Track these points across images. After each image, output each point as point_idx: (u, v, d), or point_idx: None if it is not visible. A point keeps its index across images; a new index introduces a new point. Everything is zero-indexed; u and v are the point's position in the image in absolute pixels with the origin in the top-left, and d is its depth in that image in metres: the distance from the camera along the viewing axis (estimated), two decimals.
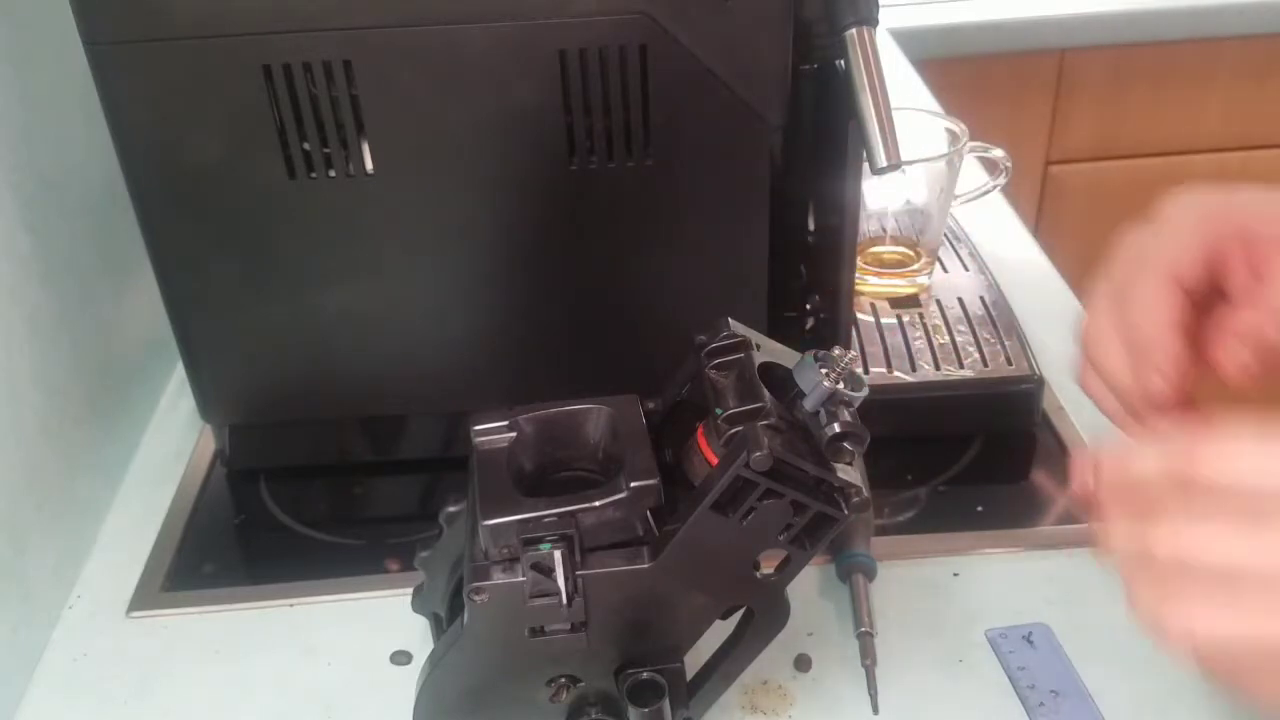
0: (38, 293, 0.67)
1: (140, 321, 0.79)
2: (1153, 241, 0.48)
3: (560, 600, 0.46)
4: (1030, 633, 0.60)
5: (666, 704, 0.50)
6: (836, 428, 0.44)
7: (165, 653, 0.63)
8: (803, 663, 0.59)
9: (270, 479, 0.75)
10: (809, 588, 0.64)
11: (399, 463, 0.74)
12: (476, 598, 0.46)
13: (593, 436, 0.50)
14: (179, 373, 0.81)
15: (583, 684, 0.50)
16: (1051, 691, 0.57)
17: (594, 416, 0.50)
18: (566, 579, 0.45)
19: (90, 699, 0.60)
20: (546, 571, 0.45)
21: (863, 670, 0.58)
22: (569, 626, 0.47)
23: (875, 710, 0.56)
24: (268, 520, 0.72)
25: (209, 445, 0.77)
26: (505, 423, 0.50)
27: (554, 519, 0.45)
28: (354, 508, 0.74)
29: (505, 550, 0.46)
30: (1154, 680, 0.57)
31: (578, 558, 0.46)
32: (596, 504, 0.45)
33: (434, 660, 0.50)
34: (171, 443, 0.78)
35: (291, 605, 0.65)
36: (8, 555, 0.61)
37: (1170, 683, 0.57)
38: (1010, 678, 0.58)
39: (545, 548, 0.45)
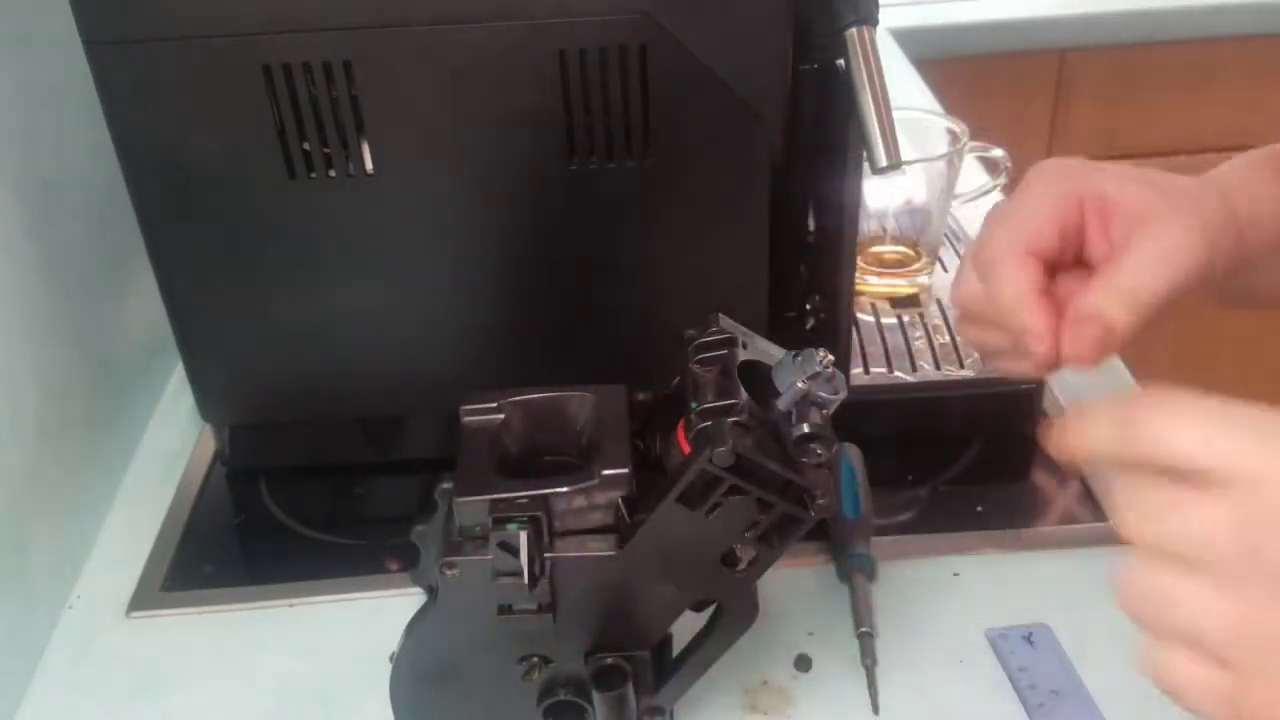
0: (38, 293, 0.67)
1: (140, 321, 0.79)
2: (1012, 211, 0.50)
3: (523, 580, 0.46)
4: (1030, 633, 0.60)
5: (630, 690, 0.50)
6: (805, 429, 0.45)
7: (165, 653, 0.63)
8: (803, 663, 0.59)
9: (270, 479, 0.75)
10: (809, 588, 0.64)
11: (399, 463, 0.74)
12: (448, 572, 0.47)
13: (577, 423, 0.51)
14: (179, 373, 0.81)
15: (554, 665, 0.51)
16: (1051, 691, 0.57)
17: (579, 404, 0.51)
18: (531, 560, 0.46)
19: (90, 699, 0.60)
20: (512, 551, 0.46)
21: (863, 670, 0.58)
22: (536, 606, 0.48)
23: (875, 710, 0.56)
24: (268, 520, 0.72)
25: (209, 445, 0.77)
26: (494, 404, 0.50)
27: (525, 501, 0.46)
28: (354, 508, 0.74)
29: (479, 528, 0.47)
30: None
31: (546, 540, 0.47)
32: (565, 489, 0.46)
33: (409, 629, 0.51)
34: (171, 443, 0.78)
35: (291, 605, 0.65)
36: (8, 555, 0.61)
37: None
38: (1010, 678, 0.58)
39: (513, 528, 0.46)
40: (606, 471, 0.47)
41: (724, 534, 0.48)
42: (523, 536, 0.46)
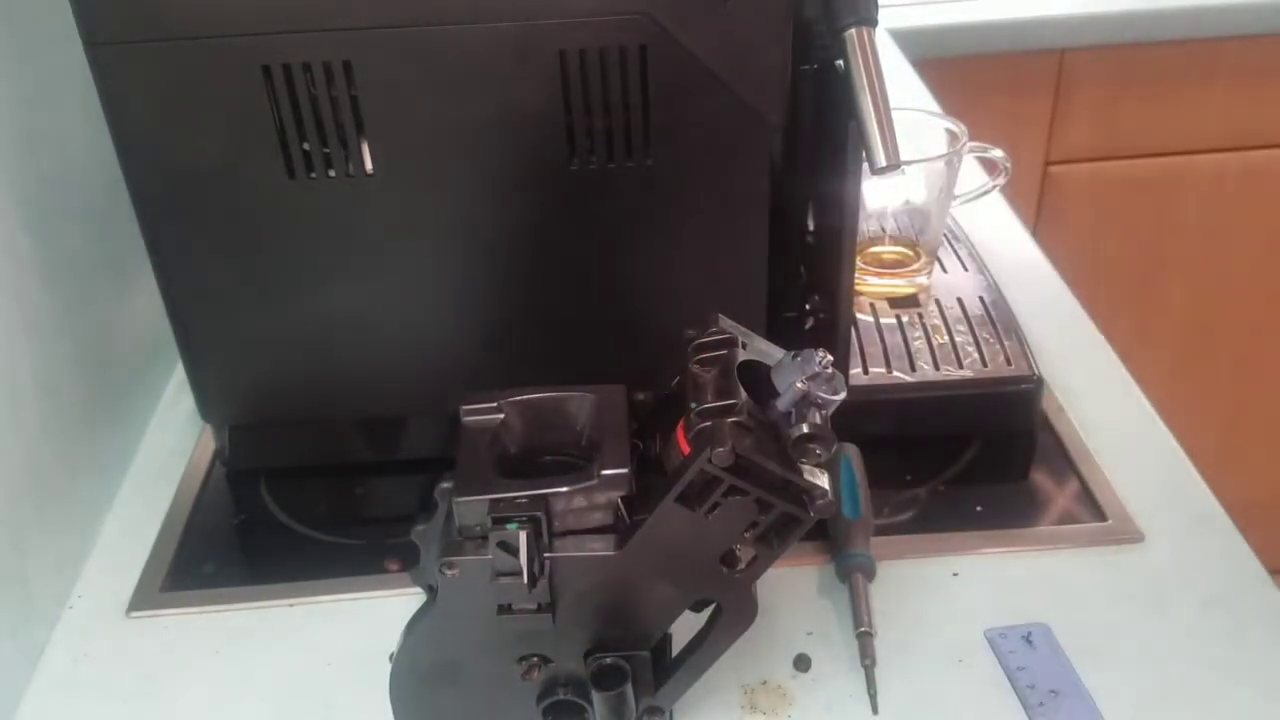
0: (38, 293, 0.67)
1: (140, 321, 0.79)
2: None
3: (523, 579, 0.46)
4: (1030, 633, 0.60)
5: (629, 690, 0.50)
6: (804, 429, 0.45)
7: (165, 653, 0.63)
8: (803, 663, 0.59)
9: (270, 479, 0.75)
10: (809, 588, 0.64)
11: (399, 463, 0.74)
12: (448, 572, 0.47)
13: (577, 423, 0.51)
14: (179, 373, 0.81)
15: (554, 664, 0.51)
16: (1051, 691, 0.57)
17: (579, 404, 0.51)
18: (530, 559, 0.46)
19: (90, 699, 0.60)
20: (512, 551, 0.46)
21: (862, 670, 0.58)
22: (535, 606, 0.48)
23: (875, 710, 0.56)
24: (268, 520, 0.72)
25: (209, 445, 0.77)
26: (494, 404, 0.50)
27: (525, 501, 0.46)
28: (354, 508, 0.74)
29: (479, 528, 0.47)
30: (1153, 680, 0.58)
31: (545, 540, 0.47)
32: (565, 489, 0.46)
33: (409, 628, 0.51)
34: (171, 443, 0.78)
35: (291, 605, 0.65)
36: (8, 555, 0.61)
37: (1169, 683, 0.57)
38: (1010, 678, 0.58)
39: (512, 527, 0.46)
40: (606, 471, 0.47)
41: (723, 534, 0.48)
42: (522, 536, 0.46)
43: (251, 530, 0.72)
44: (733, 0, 0.56)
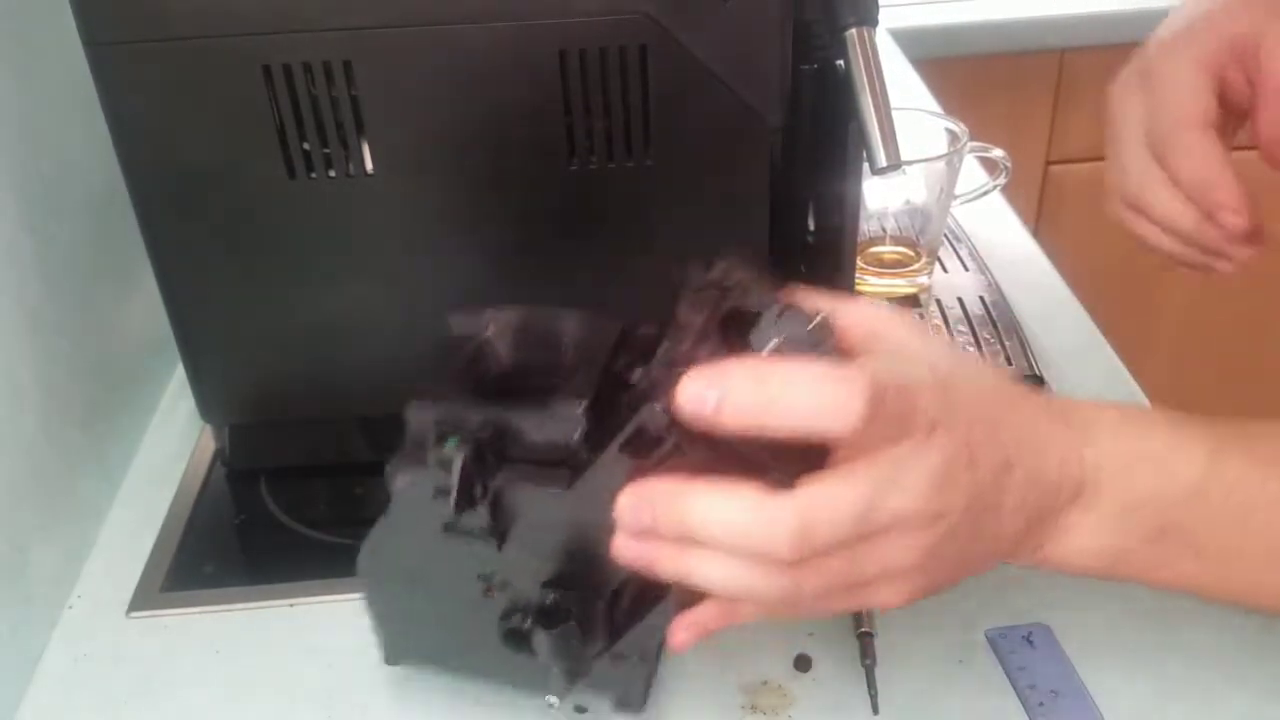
0: (38, 293, 0.67)
1: (140, 321, 0.79)
2: (1169, 100, 0.51)
3: (451, 500, 0.45)
4: (1030, 633, 0.60)
5: (574, 628, 0.48)
6: None
7: (165, 653, 0.63)
8: (803, 663, 0.59)
9: (270, 479, 0.75)
10: None
11: None
12: (394, 479, 0.46)
13: (565, 348, 0.49)
14: (179, 373, 0.81)
15: (513, 588, 0.49)
16: (1051, 691, 0.57)
17: (569, 327, 0.49)
18: (470, 482, 0.44)
19: (90, 699, 0.60)
20: (448, 467, 0.44)
21: (863, 670, 0.58)
22: (481, 529, 0.46)
23: (875, 710, 0.56)
24: (268, 520, 0.72)
25: (209, 445, 0.77)
26: (482, 319, 0.49)
27: (476, 421, 0.44)
28: (354, 508, 0.74)
29: (427, 440, 0.45)
30: (1154, 680, 0.58)
31: (490, 462, 0.45)
32: (515, 414, 0.45)
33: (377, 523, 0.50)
34: (171, 443, 0.78)
35: (291, 605, 0.65)
36: (8, 555, 0.61)
37: (1170, 683, 0.57)
38: (1010, 678, 0.58)
39: (451, 444, 0.44)
40: (559, 405, 0.45)
41: None
42: (458, 456, 0.44)
43: (251, 530, 0.72)
44: (733, 0, 0.56)
